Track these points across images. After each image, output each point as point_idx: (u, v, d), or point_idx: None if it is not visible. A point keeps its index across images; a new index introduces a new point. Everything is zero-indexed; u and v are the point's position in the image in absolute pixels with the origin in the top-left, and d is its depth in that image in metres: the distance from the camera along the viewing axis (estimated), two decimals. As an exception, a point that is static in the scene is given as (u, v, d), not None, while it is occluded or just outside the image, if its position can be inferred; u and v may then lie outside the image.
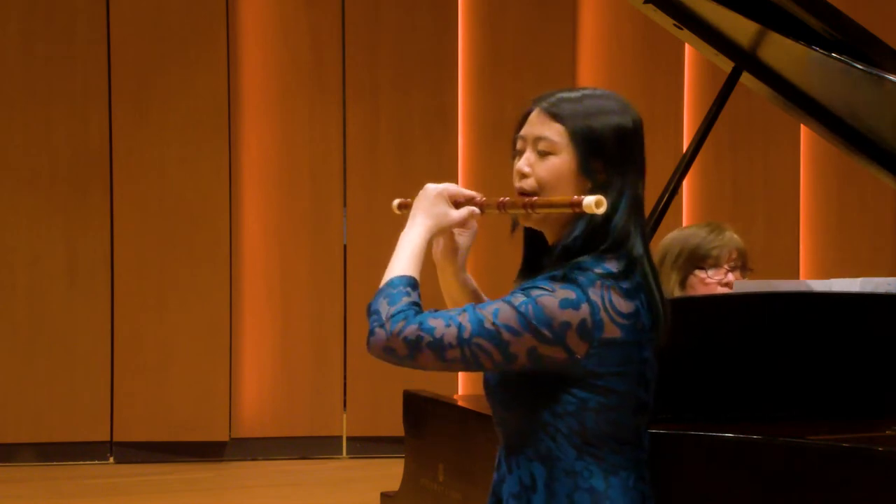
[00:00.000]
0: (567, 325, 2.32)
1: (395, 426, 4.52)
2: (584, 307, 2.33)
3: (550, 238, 2.47)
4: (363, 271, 8.31)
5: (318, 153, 8.41)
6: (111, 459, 8.15)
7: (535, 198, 2.41)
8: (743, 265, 4.09)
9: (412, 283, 2.41)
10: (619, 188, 2.40)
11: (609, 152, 2.42)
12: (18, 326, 8.06)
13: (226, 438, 8.27)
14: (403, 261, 2.45)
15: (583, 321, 2.32)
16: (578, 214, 2.39)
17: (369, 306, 2.40)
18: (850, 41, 3.53)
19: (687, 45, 7.44)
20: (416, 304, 2.38)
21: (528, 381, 2.38)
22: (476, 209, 2.50)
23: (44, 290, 8.08)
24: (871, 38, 3.55)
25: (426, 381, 4.89)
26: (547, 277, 2.37)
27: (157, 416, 8.13)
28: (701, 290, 3.99)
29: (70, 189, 8.10)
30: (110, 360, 8.12)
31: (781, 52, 3.84)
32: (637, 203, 2.44)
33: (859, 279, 3.81)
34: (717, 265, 4.03)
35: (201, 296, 8.19)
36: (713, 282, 4.02)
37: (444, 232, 2.54)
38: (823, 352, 3.25)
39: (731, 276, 4.04)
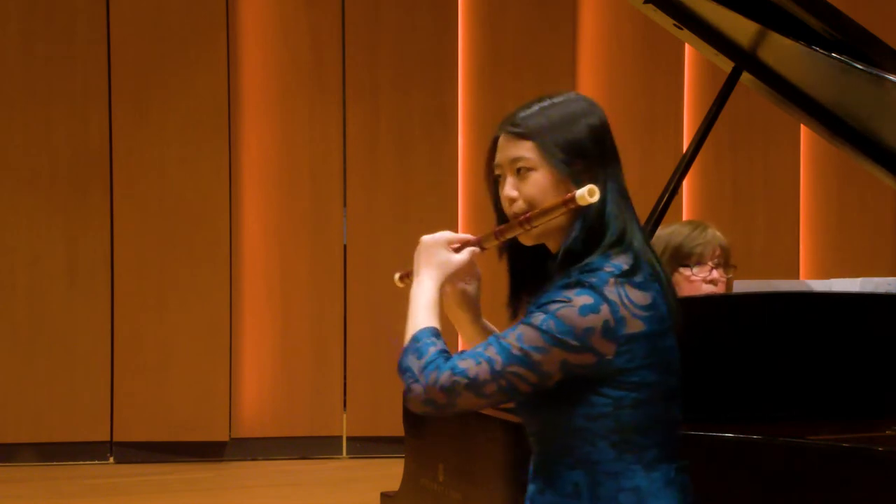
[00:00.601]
0: (591, 330, 2.33)
1: (395, 426, 4.52)
2: (604, 308, 2.34)
3: (554, 249, 2.48)
4: (363, 271, 8.32)
5: (318, 153, 8.41)
6: (111, 459, 8.15)
7: (529, 213, 2.43)
8: (726, 262, 4.12)
9: (435, 333, 2.42)
10: (603, 182, 2.42)
11: (587, 152, 2.45)
12: (18, 326, 8.06)
13: (226, 438, 8.27)
14: (421, 313, 2.46)
15: (606, 322, 2.34)
16: (574, 217, 2.41)
17: (399, 364, 2.40)
18: (850, 41, 3.53)
19: (687, 45, 7.44)
20: (444, 351, 2.40)
21: (558, 389, 2.38)
22: (476, 248, 2.52)
23: (44, 290, 8.08)
24: (871, 38, 3.55)
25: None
26: (560, 287, 2.37)
27: (157, 416, 8.13)
28: (686, 288, 4.01)
29: (70, 189, 8.10)
30: (110, 360, 8.12)
31: (781, 52, 3.84)
32: (623, 192, 2.47)
33: (859, 279, 3.82)
34: (701, 262, 4.06)
35: (201, 296, 8.19)
36: (698, 279, 4.04)
37: (451, 279, 2.55)
38: (824, 352, 3.25)
39: (715, 273, 4.07)
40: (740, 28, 3.79)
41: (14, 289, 8.07)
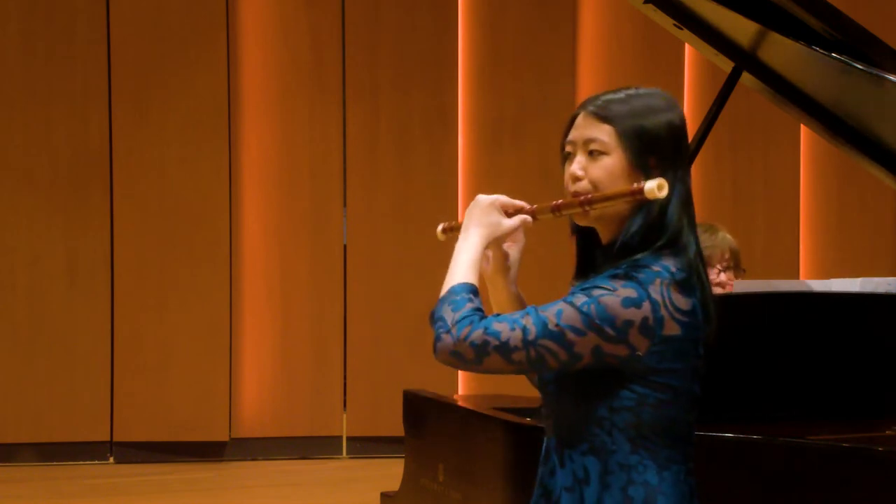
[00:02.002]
0: (630, 322, 2.34)
1: (395, 426, 4.52)
2: (646, 305, 2.35)
3: (605, 237, 2.49)
4: (363, 271, 8.32)
5: (318, 153, 8.41)
6: (111, 459, 8.15)
7: (591, 194, 2.43)
8: (736, 265, 4.13)
9: (473, 290, 2.43)
10: (671, 181, 2.42)
11: (661, 148, 2.45)
12: (18, 326, 8.06)
13: (226, 438, 8.27)
14: (462, 269, 2.46)
15: (645, 319, 2.35)
16: (635, 210, 2.41)
17: (433, 314, 2.41)
18: (850, 41, 3.53)
19: (687, 45, 7.44)
20: (479, 309, 2.40)
21: (586, 376, 2.40)
22: (528, 217, 2.52)
23: (44, 290, 8.08)
24: (871, 38, 3.55)
25: (426, 382, 4.89)
26: (607, 276, 2.39)
27: (157, 416, 8.13)
28: None
29: (70, 189, 8.10)
30: (110, 360, 8.12)
31: (781, 52, 3.84)
32: (688, 196, 2.49)
33: (859, 279, 3.81)
34: (709, 265, 4.07)
35: (201, 296, 8.19)
36: None
37: (498, 241, 2.55)
38: (824, 352, 3.25)
39: (723, 276, 4.08)
40: (740, 28, 3.79)
41: (14, 289, 8.07)
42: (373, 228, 8.34)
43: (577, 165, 2.48)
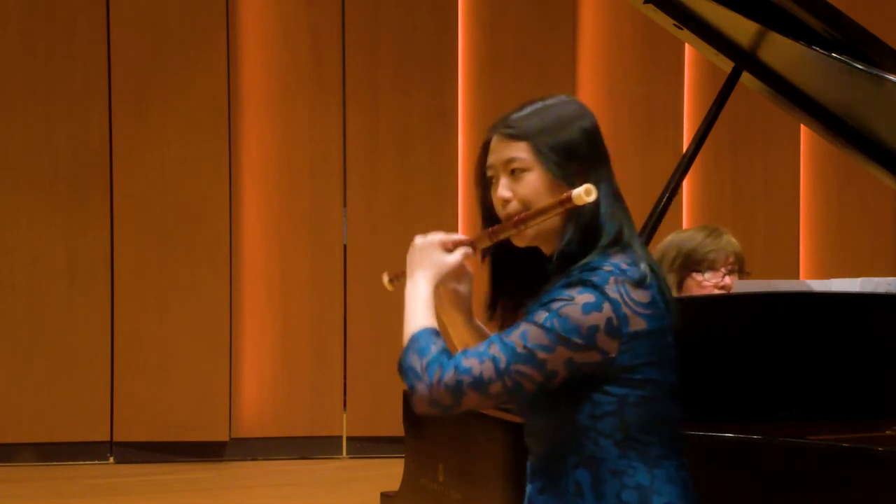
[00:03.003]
0: (595, 328, 2.34)
1: (395, 426, 4.52)
2: (606, 306, 2.35)
3: (548, 252, 2.48)
4: (363, 271, 8.32)
5: (318, 153, 8.41)
6: (111, 459, 8.15)
7: (523, 214, 2.43)
8: (740, 269, 4.13)
9: (435, 332, 2.42)
10: (596, 183, 2.42)
11: (580, 154, 2.46)
12: (18, 326, 8.06)
13: (226, 438, 8.27)
14: (418, 313, 2.45)
15: (609, 320, 2.34)
16: (567, 218, 2.41)
17: (401, 364, 2.39)
18: (850, 41, 3.53)
19: (687, 45, 7.44)
20: (445, 350, 2.39)
21: (562, 390, 2.39)
22: (469, 249, 2.52)
23: (44, 290, 8.08)
24: (871, 38, 3.55)
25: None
26: (562, 286, 2.38)
27: (157, 416, 8.13)
28: (696, 293, 4.03)
29: (70, 189, 8.10)
30: (110, 360, 8.12)
31: (781, 52, 3.84)
32: (616, 192, 2.48)
33: (859, 279, 3.81)
34: (713, 268, 4.08)
35: (201, 296, 8.19)
36: (710, 285, 4.06)
37: (444, 279, 2.54)
38: (823, 352, 3.25)
39: (727, 280, 4.08)
40: (740, 28, 3.79)
41: (14, 289, 8.07)
42: (373, 228, 8.34)
43: (503, 188, 2.47)
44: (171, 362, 8.18)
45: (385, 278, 2.67)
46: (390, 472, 4.73)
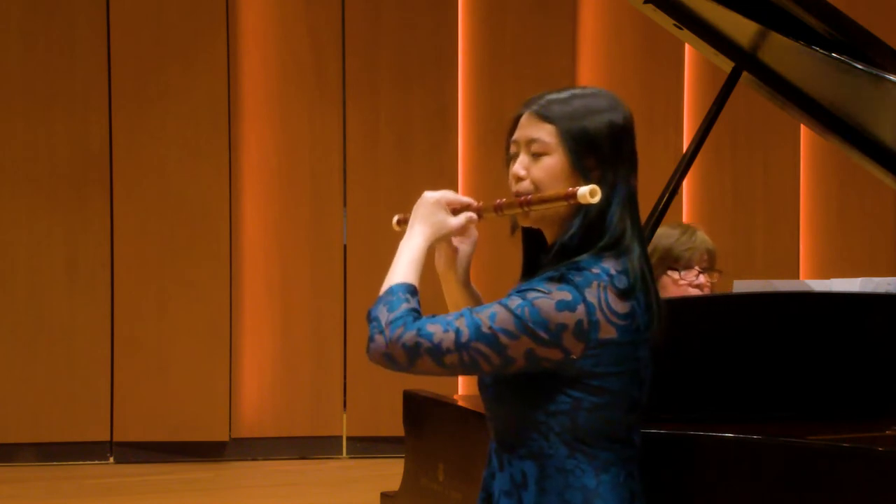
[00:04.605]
0: (563, 326, 2.33)
1: (395, 426, 4.52)
2: (581, 308, 2.34)
3: (549, 237, 2.48)
4: (363, 271, 8.31)
5: (318, 153, 8.41)
6: (111, 459, 8.15)
7: (531, 195, 2.42)
8: (711, 266, 4.18)
9: (411, 290, 2.42)
10: (611, 183, 2.42)
11: (601, 149, 2.44)
12: (18, 326, 8.05)
13: (226, 438, 8.27)
14: (403, 268, 2.46)
15: (579, 322, 2.33)
16: (575, 211, 2.41)
17: (369, 313, 2.41)
18: (850, 41, 3.53)
19: (687, 45, 7.44)
20: (414, 310, 2.39)
21: (523, 379, 2.39)
22: (474, 215, 2.52)
23: (44, 290, 8.08)
24: (871, 38, 3.55)
25: (426, 382, 4.88)
26: (544, 279, 2.37)
27: (157, 416, 8.13)
28: (672, 290, 4.07)
29: (70, 189, 8.10)
30: (110, 360, 8.12)
31: (781, 52, 3.84)
32: (631, 197, 2.46)
33: (859, 279, 3.82)
34: (688, 266, 4.13)
35: (201, 296, 8.19)
36: (685, 283, 4.11)
37: (443, 239, 2.54)
38: (823, 352, 3.25)
39: (702, 278, 4.14)
40: (740, 28, 3.79)
41: (14, 289, 8.06)
42: (373, 228, 8.34)
43: (519, 165, 2.48)
44: (171, 362, 8.17)
45: (395, 219, 2.69)
46: (390, 472, 4.73)
